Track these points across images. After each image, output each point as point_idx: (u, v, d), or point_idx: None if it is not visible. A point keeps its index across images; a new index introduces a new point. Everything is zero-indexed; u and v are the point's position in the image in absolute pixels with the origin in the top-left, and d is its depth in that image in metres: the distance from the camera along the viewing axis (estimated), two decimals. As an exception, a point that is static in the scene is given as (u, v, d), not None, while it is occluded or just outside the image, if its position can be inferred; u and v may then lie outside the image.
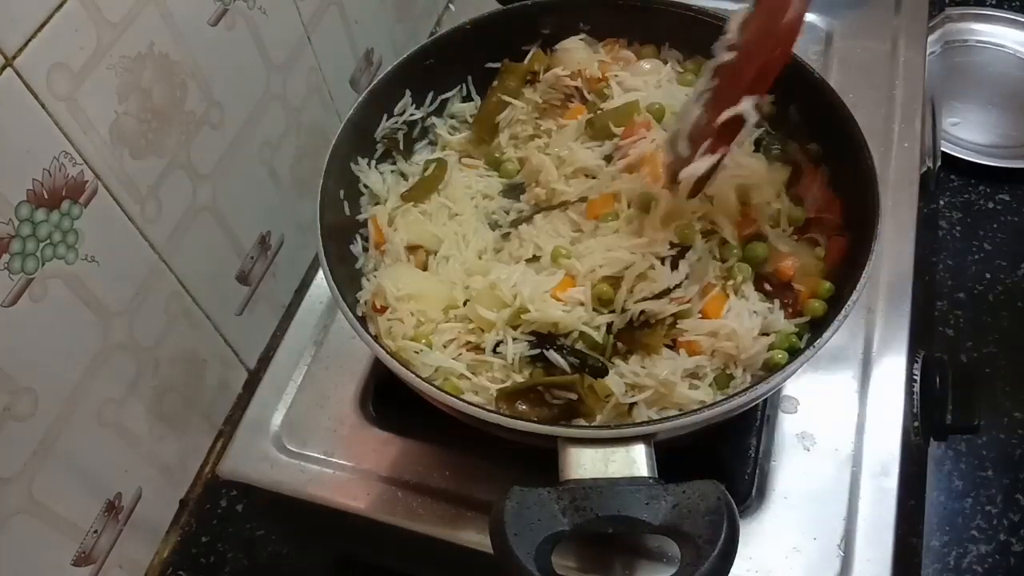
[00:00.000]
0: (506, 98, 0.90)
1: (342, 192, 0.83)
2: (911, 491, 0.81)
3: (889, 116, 1.00)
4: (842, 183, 0.79)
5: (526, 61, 0.93)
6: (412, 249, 0.83)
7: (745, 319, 0.73)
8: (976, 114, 1.43)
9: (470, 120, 0.94)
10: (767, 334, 0.74)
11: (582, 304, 0.74)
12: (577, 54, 0.91)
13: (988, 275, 1.28)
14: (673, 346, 0.74)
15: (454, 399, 0.66)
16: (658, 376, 0.70)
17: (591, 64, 0.91)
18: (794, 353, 0.72)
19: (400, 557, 0.89)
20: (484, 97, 0.94)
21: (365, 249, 0.84)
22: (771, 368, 0.73)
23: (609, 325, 0.73)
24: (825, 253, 0.79)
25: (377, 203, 0.87)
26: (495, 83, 0.93)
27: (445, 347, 0.75)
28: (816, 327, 0.74)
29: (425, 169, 0.89)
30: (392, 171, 0.90)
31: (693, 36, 0.89)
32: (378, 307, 0.78)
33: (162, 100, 0.88)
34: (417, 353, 0.74)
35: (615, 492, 0.60)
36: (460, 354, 0.75)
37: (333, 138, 0.82)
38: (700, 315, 0.73)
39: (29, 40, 0.72)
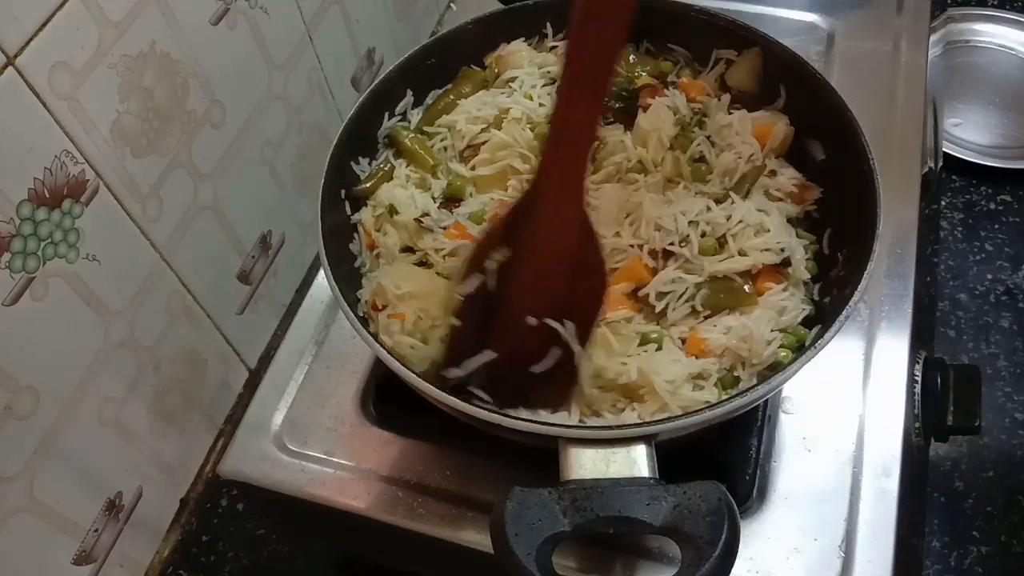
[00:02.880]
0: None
1: (343, 192, 0.83)
2: (912, 492, 0.81)
3: (891, 116, 1.00)
4: (843, 183, 0.78)
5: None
6: (408, 247, 0.82)
7: (764, 323, 0.72)
8: (978, 115, 1.43)
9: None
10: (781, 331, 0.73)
11: None
12: (519, 56, 0.91)
13: (989, 276, 1.28)
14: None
15: (454, 399, 0.66)
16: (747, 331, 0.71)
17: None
18: (796, 352, 0.72)
19: (400, 557, 0.89)
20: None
21: (366, 248, 0.84)
22: (774, 367, 0.73)
23: None
24: None
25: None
26: (449, 87, 0.91)
27: (442, 342, 0.75)
28: (818, 327, 0.74)
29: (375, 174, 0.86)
30: (382, 168, 0.87)
31: (696, 36, 0.89)
32: (379, 306, 0.77)
33: (163, 99, 0.88)
34: (412, 348, 0.74)
35: (616, 492, 0.60)
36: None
37: (334, 138, 0.82)
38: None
39: (31, 39, 0.72)
